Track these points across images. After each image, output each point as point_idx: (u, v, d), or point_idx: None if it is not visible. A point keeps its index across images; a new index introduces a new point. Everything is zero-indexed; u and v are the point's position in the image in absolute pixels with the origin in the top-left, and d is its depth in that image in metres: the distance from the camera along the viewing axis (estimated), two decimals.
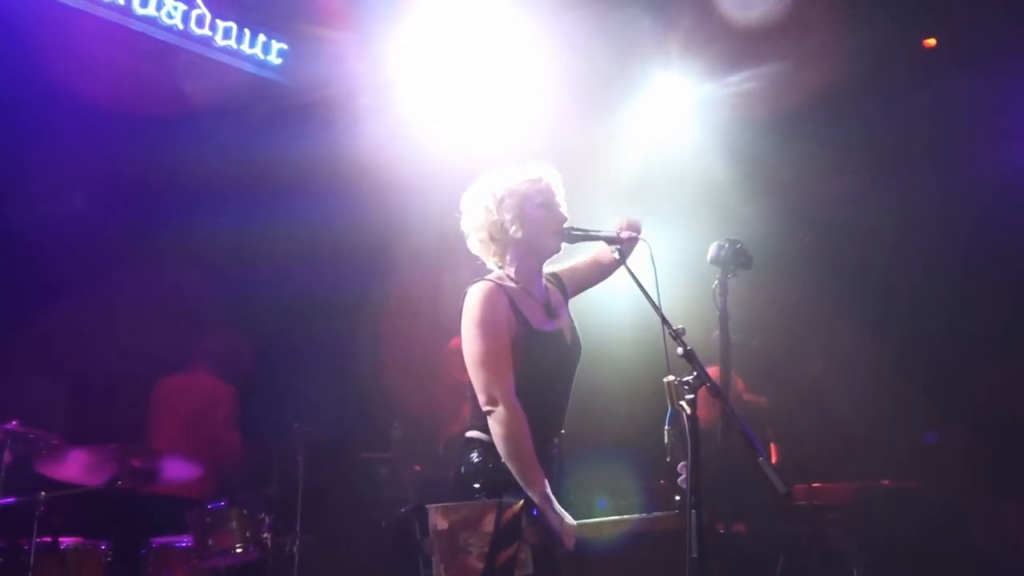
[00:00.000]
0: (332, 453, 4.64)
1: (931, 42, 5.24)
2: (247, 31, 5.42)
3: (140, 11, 5.02)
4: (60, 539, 3.65)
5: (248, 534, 3.99)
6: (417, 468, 4.92)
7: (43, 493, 3.54)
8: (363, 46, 5.29)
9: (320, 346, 5.17)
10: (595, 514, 3.96)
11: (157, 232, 4.81)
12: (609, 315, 5.14)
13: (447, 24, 5.09)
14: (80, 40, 4.78)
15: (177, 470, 3.95)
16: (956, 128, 5.17)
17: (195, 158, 4.86)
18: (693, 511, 2.38)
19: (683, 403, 2.44)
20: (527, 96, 5.09)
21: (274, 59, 5.53)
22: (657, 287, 2.60)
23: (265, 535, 4.08)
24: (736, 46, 4.85)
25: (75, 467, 3.75)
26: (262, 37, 5.47)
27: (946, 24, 5.10)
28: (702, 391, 2.42)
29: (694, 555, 2.37)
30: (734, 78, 5.04)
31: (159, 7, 5.07)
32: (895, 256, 5.31)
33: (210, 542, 3.89)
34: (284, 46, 5.53)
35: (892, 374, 5.05)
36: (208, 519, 3.95)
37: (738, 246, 3.09)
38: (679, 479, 2.47)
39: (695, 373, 2.44)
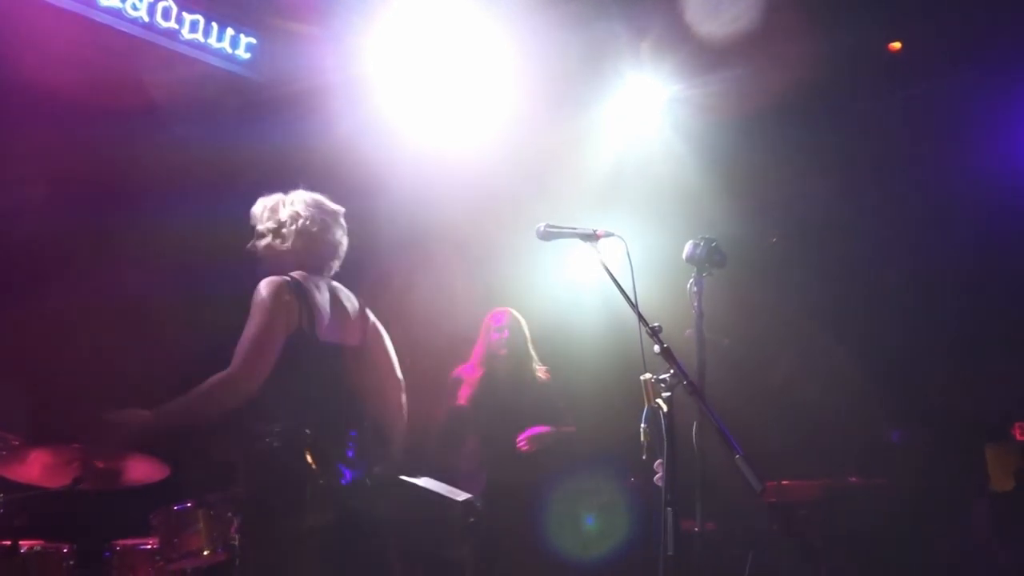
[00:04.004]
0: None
1: (896, 45, 5.34)
2: (215, 24, 5.32)
3: (104, 2, 4.91)
4: (20, 542, 3.55)
5: (215, 535, 3.90)
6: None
7: (1, 495, 3.44)
8: (334, 41, 5.24)
9: None
10: (583, 531, 3.98)
11: (120, 229, 4.70)
12: (580, 314, 5.17)
13: (419, 20, 5.06)
14: (41, 31, 4.66)
15: (142, 470, 3.86)
16: (923, 130, 5.27)
17: (160, 153, 4.77)
18: (669, 509, 2.39)
19: (659, 401, 2.45)
20: (499, 93, 5.08)
21: (242, 53, 5.44)
22: (634, 285, 2.61)
23: (233, 536, 4.00)
24: (707, 48, 4.89)
25: (36, 468, 3.63)
26: (230, 31, 5.38)
27: (912, 29, 5.20)
28: None
29: (670, 553, 2.38)
30: (705, 79, 5.09)
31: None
32: (863, 255, 5.40)
33: (176, 543, 3.80)
34: (253, 40, 5.44)
35: (859, 372, 5.12)
36: (173, 520, 3.86)
37: (712, 244, 3.11)
38: (655, 477, 2.47)
39: (672, 371, 2.46)
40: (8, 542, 3.48)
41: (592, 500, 4.43)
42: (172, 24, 5.15)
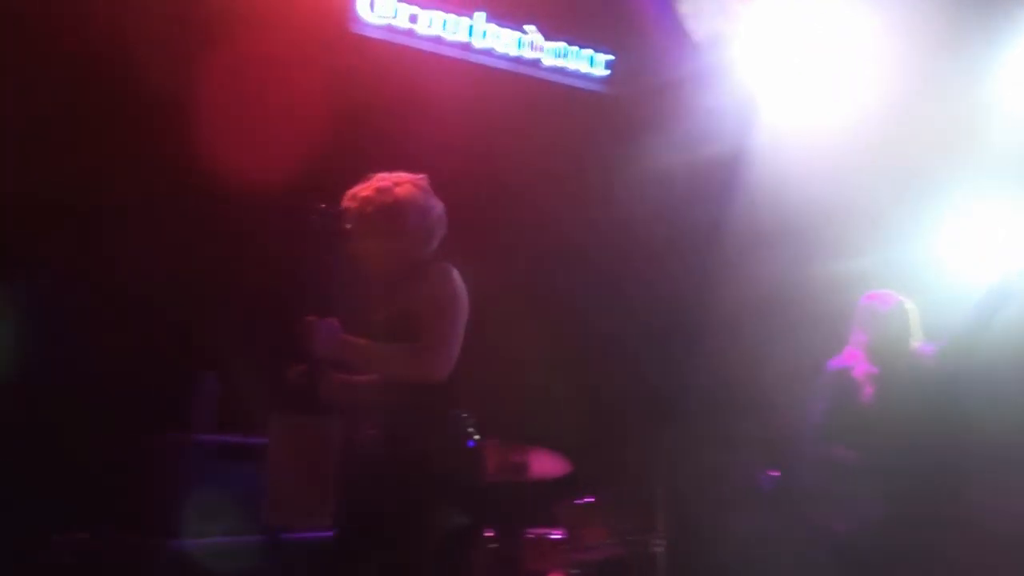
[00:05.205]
0: (689, 455, 4.62)
1: None
2: (573, 48, 5.68)
3: (479, 44, 5.45)
4: None
5: (614, 530, 4.13)
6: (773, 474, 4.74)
7: None
8: (688, 35, 5.28)
9: (663, 343, 5.18)
10: None
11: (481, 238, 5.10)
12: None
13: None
14: (428, 79, 5.26)
15: (547, 465, 4.19)
16: None
17: (537, 175, 5.14)
18: None
19: None
20: (875, 59, 4.68)
21: (600, 71, 5.73)
22: None
23: (628, 533, 4.18)
24: None
25: None
26: (588, 51, 5.70)
27: None
28: None
29: None
30: None
31: (496, 38, 5.48)
32: None
33: (581, 535, 4.08)
34: (610, 57, 5.72)
35: None
36: (577, 513, 4.14)
37: None
38: None
39: None
40: None
41: None
42: (537, 54, 5.58)
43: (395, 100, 4.94)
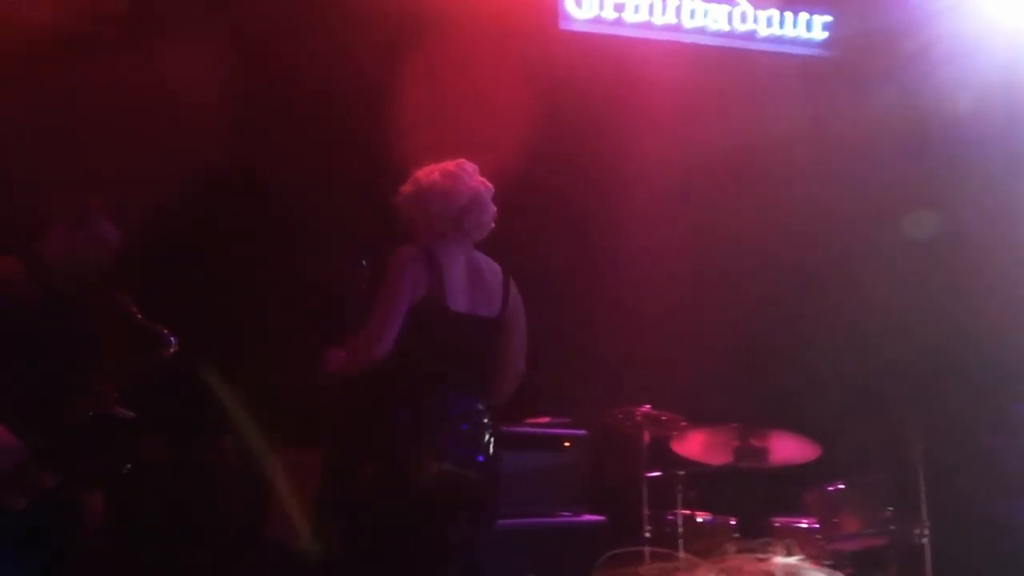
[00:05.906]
0: (952, 438, 4.19)
1: None
2: (788, 14, 5.38)
3: (689, 24, 5.32)
4: (696, 513, 3.97)
5: (871, 518, 3.84)
6: None
7: (680, 471, 3.90)
8: None
9: (921, 314, 4.73)
10: None
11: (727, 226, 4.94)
12: None
13: None
14: (641, 67, 5.21)
15: (792, 449, 3.98)
16: None
17: (763, 149, 4.92)
18: None
19: None
20: None
21: (818, 34, 5.39)
22: None
23: (889, 521, 3.87)
24: None
25: (697, 446, 4.04)
26: (804, 15, 5.38)
27: None
28: None
29: None
30: None
31: (705, 15, 5.32)
32: None
33: (834, 524, 3.84)
34: (828, 18, 5.36)
35: None
36: (828, 501, 3.90)
37: None
38: None
39: None
40: (688, 512, 3.93)
41: None
42: (750, 26, 5.34)
43: (609, 92, 4.95)
